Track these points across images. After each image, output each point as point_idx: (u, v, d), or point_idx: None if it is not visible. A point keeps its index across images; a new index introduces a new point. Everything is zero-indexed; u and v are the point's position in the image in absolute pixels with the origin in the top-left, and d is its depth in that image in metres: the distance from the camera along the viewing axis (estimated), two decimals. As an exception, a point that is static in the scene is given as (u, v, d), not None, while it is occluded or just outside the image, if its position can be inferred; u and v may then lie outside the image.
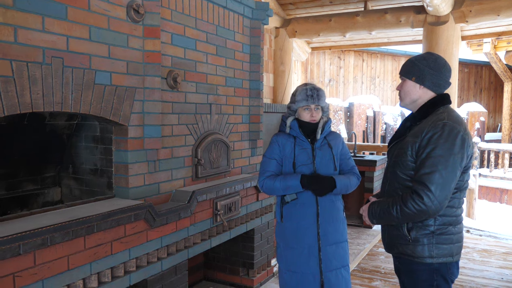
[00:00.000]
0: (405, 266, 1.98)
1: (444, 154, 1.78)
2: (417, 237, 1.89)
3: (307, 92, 2.46)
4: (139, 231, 2.39)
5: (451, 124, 1.82)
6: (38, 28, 1.99)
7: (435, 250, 1.87)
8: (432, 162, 1.78)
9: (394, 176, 1.96)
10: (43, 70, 2.01)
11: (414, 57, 2.02)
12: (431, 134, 1.81)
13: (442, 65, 1.95)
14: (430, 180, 1.76)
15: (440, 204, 1.78)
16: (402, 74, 2.03)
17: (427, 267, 1.90)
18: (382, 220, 1.96)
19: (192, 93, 3.06)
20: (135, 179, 2.57)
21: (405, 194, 1.84)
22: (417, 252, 1.90)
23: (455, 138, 1.80)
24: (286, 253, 2.49)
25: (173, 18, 2.84)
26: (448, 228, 1.89)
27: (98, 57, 2.30)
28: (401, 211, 1.83)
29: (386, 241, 2.07)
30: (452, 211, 1.89)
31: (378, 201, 1.98)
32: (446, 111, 1.90)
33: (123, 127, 2.52)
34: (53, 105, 2.06)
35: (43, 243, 1.83)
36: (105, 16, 2.33)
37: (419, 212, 1.79)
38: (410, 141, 1.88)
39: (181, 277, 2.76)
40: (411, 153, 1.87)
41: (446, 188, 1.78)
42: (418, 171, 1.82)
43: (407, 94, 2.00)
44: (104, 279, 2.19)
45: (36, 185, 2.70)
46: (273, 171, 2.50)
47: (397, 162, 1.94)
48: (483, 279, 4.00)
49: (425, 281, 1.91)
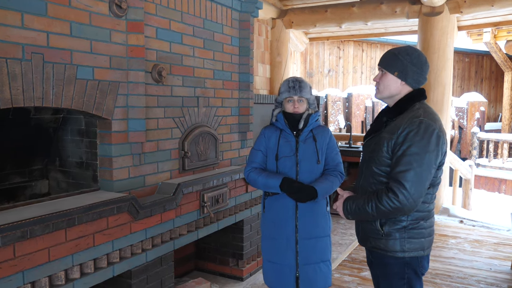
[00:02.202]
0: (377, 259, 2.01)
1: (420, 151, 1.79)
2: (389, 232, 1.92)
3: (289, 83, 2.50)
4: (122, 223, 2.43)
5: (427, 121, 1.83)
6: (17, 25, 2.02)
7: (407, 245, 1.90)
8: (407, 160, 1.79)
9: (369, 172, 1.97)
10: (22, 66, 2.04)
11: (396, 50, 1.99)
12: (407, 131, 1.82)
13: (424, 62, 1.95)
14: (405, 178, 1.78)
15: (415, 201, 1.80)
16: (383, 67, 1.99)
17: (398, 261, 1.93)
18: (357, 216, 1.98)
19: (179, 87, 3.08)
20: (119, 172, 2.62)
21: (380, 191, 1.86)
22: (389, 246, 1.92)
23: (431, 136, 1.81)
24: (267, 244, 2.55)
25: (158, 12, 2.85)
26: (420, 223, 1.92)
27: (80, 52, 2.33)
28: (376, 208, 1.84)
29: (360, 235, 2.09)
30: (424, 206, 1.91)
31: (353, 197, 1.99)
32: (422, 107, 1.91)
33: (106, 121, 2.55)
34: (34, 100, 2.10)
35: (22, 236, 1.88)
36: (86, 12, 2.35)
37: (394, 209, 1.81)
38: (386, 137, 1.89)
39: (167, 268, 2.81)
40: (386, 150, 1.88)
41: (421, 185, 1.80)
42: (394, 168, 1.83)
43: (386, 87, 1.98)
44: (87, 270, 2.24)
45: (24, 178, 2.75)
46: (258, 162, 2.56)
47: (373, 157, 1.94)
48: (472, 269, 4.04)
49: (396, 274, 1.94)
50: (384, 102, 2.07)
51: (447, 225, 5.54)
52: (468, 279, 3.81)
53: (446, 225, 5.53)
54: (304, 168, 2.47)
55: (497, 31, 10.77)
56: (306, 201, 2.40)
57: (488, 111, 15.23)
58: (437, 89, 5.85)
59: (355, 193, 2.06)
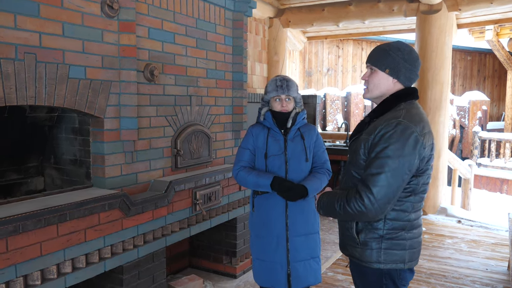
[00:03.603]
0: (354, 267, 1.92)
1: (393, 155, 1.67)
2: (365, 241, 1.80)
3: (276, 82, 2.53)
4: (114, 219, 2.49)
5: (405, 123, 1.69)
6: (10, 26, 2.08)
7: (383, 256, 1.78)
8: (379, 163, 1.68)
9: (349, 175, 1.87)
10: (15, 66, 2.10)
11: (386, 46, 1.85)
12: (383, 133, 1.70)
13: (416, 58, 1.83)
14: (374, 182, 1.67)
15: (381, 208, 1.68)
16: (373, 64, 1.85)
17: (375, 272, 1.81)
18: (327, 213, 1.88)
19: (171, 86, 3.13)
20: (111, 170, 2.67)
21: (350, 192, 1.76)
22: (365, 256, 1.81)
23: (407, 139, 1.68)
24: (256, 242, 2.57)
25: (150, 12, 2.91)
26: (400, 233, 1.78)
27: (72, 52, 2.39)
28: (344, 209, 1.75)
29: (339, 240, 2.00)
30: (404, 215, 1.78)
31: (328, 193, 1.91)
32: (405, 108, 1.77)
33: (99, 119, 2.61)
34: (27, 99, 2.16)
35: (15, 230, 1.94)
36: (78, 13, 2.41)
37: (359, 213, 1.71)
38: (364, 138, 1.78)
39: (159, 264, 2.87)
40: (363, 151, 1.77)
41: (389, 191, 1.67)
42: (365, 170, 1.72)
43: (377, 86, 1.84)
44: (79, 265, 2.30)
45: (20, 175, 2.81)
46: (246, 161, 2.57)
47: (352, 160, 1.85)
48: (467, 270, 4.03)
49: (373, 283, 1.84)
50: (373, 101, 1.93)
51: (445, 225, 5.53)
52: (463, 279, 3.81)
53: (444, 225, 5.53)
54: (293, 166, 2.50)
55: (499, 28, 10.68)
56: (296, 199, 2.42)
57: (491, 110, 15.17)
58: (435, 88, 5.87)
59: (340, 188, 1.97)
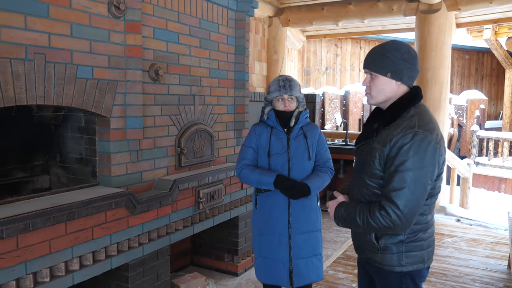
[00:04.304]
0: (374, 270, 1.92)
1: (414, 168, 1.65)
2: (386, 246, 1.80)
3: (279, 82, 2.57)
4: (120, 217, 2.53)
5: (421, 133, 1.68)
6: (20, 27, 2.11)
7: (405, 259, 1.79)
8: (401, 177, 1.65)
9: (362, 183, 1.84)
10: (25, 66, 2.13)
11: (381, 49, 1.80)
12: (400, 144, 1.67)
13: (414, 55, 1.79)
14: (399, 197, 1.65)
15: (408, 221, 1.67)
16: (372, 69, 1.80)
17: (397, 274, 1.83)
18: (347, 226, 1.87)
19: (175, 85, 3.17)
20: (117, 168, 2.71)
21: (373, 206, 1.73)
22: (386, 261, 1.81)
23: (426, 149, 1.67)
24: (259, 239, 2.61)
25: (155, 13, 2.94)
26: (418, 235, 1.80)
27: (80, 52, 2.42)
28: (367, 222, 1.73)
29: (355, 244, 1.99)
30: (422, 218, 1.79)
31: (345, 204, 1.87)
32: (416, 114, 1.75)
33: (105, 118, 2.64)
34: (36, 98, 2.19)
35: (25, 228, 1.98)
36: (86, 13, 2.44)
37: (385, 227, 1.70)
38: (378, 148, 1.75)
39: (163, 261, 2.91)
40: (379, 162, 1.74)
41: (415, 204, 1.67)
42: (387, 185, 1.70)
43: (381, 92, 1.80)
44: (86, 262, 2.34)
45: (26, 173, 2.84)
46: (249, 159, 2.60)
47: (365, 169, 1.81)
48: (467, 268, 4.06)
49: (394, 284, 1.85)
50: (378, 106, 1.90)
51: (444, 224, 5.56)
52: (463, 277, 3.84)
53: (443, 224, 5.56)
54: (296, 165, 2.54)
55: (498, 27, 10.70)
56: (299, 197, 2.46)
57: (488, 109, 15.22)
58: (434, 87, 5.91)
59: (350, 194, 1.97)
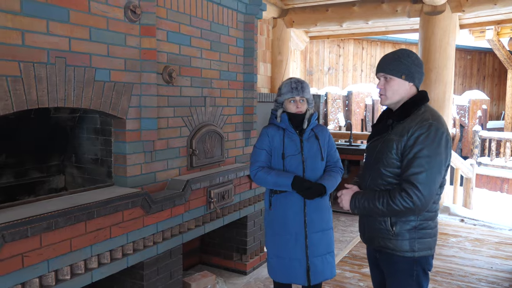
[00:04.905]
0: (385, 258, 2.06)
1: (431, 154, 1.86)
2: (400, 232, 1.96)
3: (291, 84, 2.62)
4: (136, 217, 2.59)
5: (436, 124, 1.90)
6: (43, 31, 2.17)
7: (417, 245, 1.96)
8: (419, 162, 1.85)
9: (377, 173, 2.00)
10: (47, 70, 2.19)
11: (395, 55, 2.03)
12: (417, 134, 1.88)
13: (422, 62, 2.04)
14: (418, 179, 1.84)
15: (427, 202, 1.86)
16: (387, 72, 2.02)
17: (408, 260, 1.98)
18: (364, 211, 2.01)
19: (187, 87, 3.23)
20: (132, 169, 2.77)
21: (393, 190, 1.90)
22: (399, 246, 1.97)
23: (441, 139, 1.88)
24: (274, 240, 2.65)
25: (169, 16, 3.00)
26: (428, 222, 1.98)
27: (98, 55, 2.48)
28: (388, 205, 1.89)
29: (366, 234, 2.13)
30: (433, 206, 1.98)
31: (362, 193, 2.04)
32: (428, 110, 1.98)
33: (121, 120, 2.70)
34: (57, 101, 2.25)
35: (48, 227, 2.04)
36: (104, 18, 2.50)
37: (406, 209, 1.87)
38: (395, 139, 1.94)
39: (176, 260, 2.97)
40: (396, 151, 1.93)
41: (432, 187, 1.87)
42: (406, 170, 1.88)
43: (396, 92, 2.02)
44: (104, 261, 2.40)
45: (42, 173, 2.90)
46: (263, 161, 2.64)
47: (381, 159, 1.98)
48: (473, 268, 4.10)
49: (405, 271, 2.00)
50: (390, 107, 2.10)
51: (448, 224, 5.61)
52: (469, 277, 3.88)
53: (447, 224, 5.60)
54: (310, 166, 2.60)
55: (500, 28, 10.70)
56: (315, 197, 2.54)
57: (490, 109, 15.26)
58: (438, 88, 5.96)
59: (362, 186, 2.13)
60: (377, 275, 2.21)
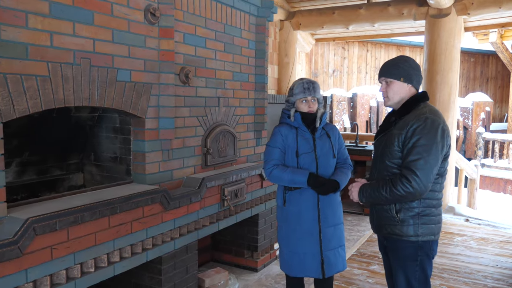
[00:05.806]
0: (392, 244, 2.25)
1: (428, 143, 2.06)
2: (404, 218, 2.16)
3: (303, 85, 2.71)
4: (155, 213, 2.67)
5: (432, 117, 2.10)
6: (69, 33, 2.26)
7: (420, 230, 2.15)
8: (417, 151, 2.06)
9: (383, 165, 2.22)
10: (73, 70, 2.28)
11: (394, 61, 2.28)
12: (415, 126, 2.09)
13: (418, 65, 2.27)
14: (416, 166, 2.04)
15: (425, 186, 2.05)
16: (388, 76, 2.26)
17: (412, 244, 2.17)
18: (371, 199, 2.22)
19: (202, 88, 3.31)
20: (151, 166, 2.85)
21: (394, 177, 2.11)
22: (404, 231, 2.17)
23: (437, 129, 2.08)
24: (288, 235, 2.72)
25: (185, 19, 3.09)
26: (431, 209, 2.17)
27: (120, 56, 2.57)
28: (391, 192, 2.09)
29: (375, 223, 2.33)
30: (434, 194, 2.17)
31: (369, 184, 2.25)
32: (426, 106, 2.19)
33: (140, 119, 2.79)
34: (82, 100, 2.34)
35: (75, 221, 2.12)
36: (125, 20, 2.59)
37: (407, 193, 2.06)
38: (396, 133, 2.15)
39: (192, 255, 3.05)
40: (397, 144, 2.14)
41: (430, 172, 2.06)
42: (406, 158, 2.09)
43: (396, 93, 2.26)
44: (125, 255, 2.48)
45: (62, 171, 2.99)
46: (277, 159, 2.71)
47: (385, 152, 2.20)
48: (478, 265, 4.17)
49: (410, 256, 2.19)
50: (392, 107, 2.34)
51: (453, 223, 5.66)
52: (475, 274, 3.95)
53: (452, 223, 5.65)
54: (323, 163, 2.69)
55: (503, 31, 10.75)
56: (329, 193, 2.64)
57: (493, 111, 15.28)
58: (443, 90, 6.02)
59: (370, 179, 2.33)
60: (388, 262, 2.37)
